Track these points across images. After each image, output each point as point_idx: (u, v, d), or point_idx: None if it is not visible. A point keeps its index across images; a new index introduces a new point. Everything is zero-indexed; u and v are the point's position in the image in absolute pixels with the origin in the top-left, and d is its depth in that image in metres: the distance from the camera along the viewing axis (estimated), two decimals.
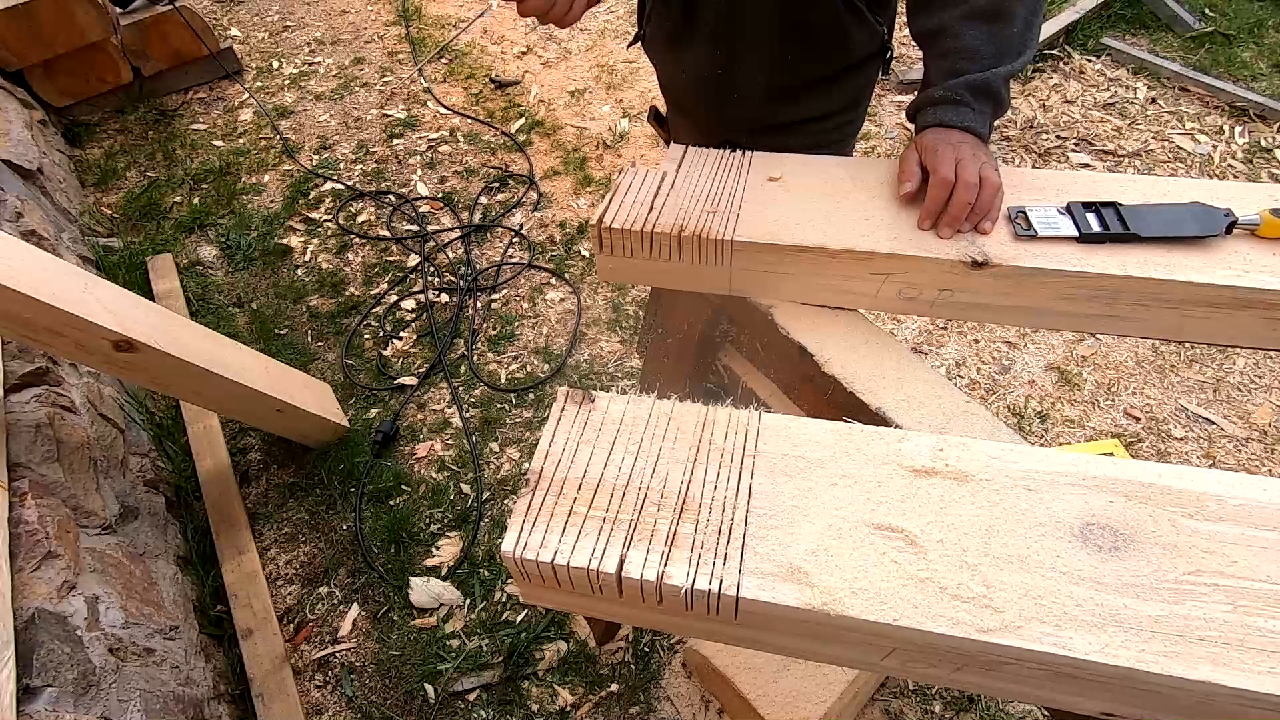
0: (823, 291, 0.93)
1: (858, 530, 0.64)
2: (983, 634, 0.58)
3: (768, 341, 0.97)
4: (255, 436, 2.14)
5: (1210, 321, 0.84)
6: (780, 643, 0.69)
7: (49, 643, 1.18)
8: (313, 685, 1.71)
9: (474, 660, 1.70)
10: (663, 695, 1.63)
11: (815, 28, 1.10)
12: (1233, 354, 2.18)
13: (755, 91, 1.17)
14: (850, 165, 1.00)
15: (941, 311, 0.92)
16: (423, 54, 3.55)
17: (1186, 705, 0.58)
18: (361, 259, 2.64)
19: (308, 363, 2.32)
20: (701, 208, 0.93)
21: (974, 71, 0.90)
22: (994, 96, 0.91)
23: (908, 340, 2.28)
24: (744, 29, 1.11)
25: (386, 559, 1.88)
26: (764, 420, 0.73)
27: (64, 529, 1.39)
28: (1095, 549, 0.61)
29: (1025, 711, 1.58)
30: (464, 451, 2.08)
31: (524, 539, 0.66)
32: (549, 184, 2.86)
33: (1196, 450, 1.98)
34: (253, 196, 2.91)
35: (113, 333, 1.47)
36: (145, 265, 2.58)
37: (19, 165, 2.44)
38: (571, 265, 2.55)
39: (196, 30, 3.23)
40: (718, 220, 0.91)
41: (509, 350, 2.32)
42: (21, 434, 1.47)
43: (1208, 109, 2.89)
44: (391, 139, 3.10)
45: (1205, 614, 0.57)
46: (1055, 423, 2.06)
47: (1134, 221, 0.84)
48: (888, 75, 1.53)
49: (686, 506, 0.67)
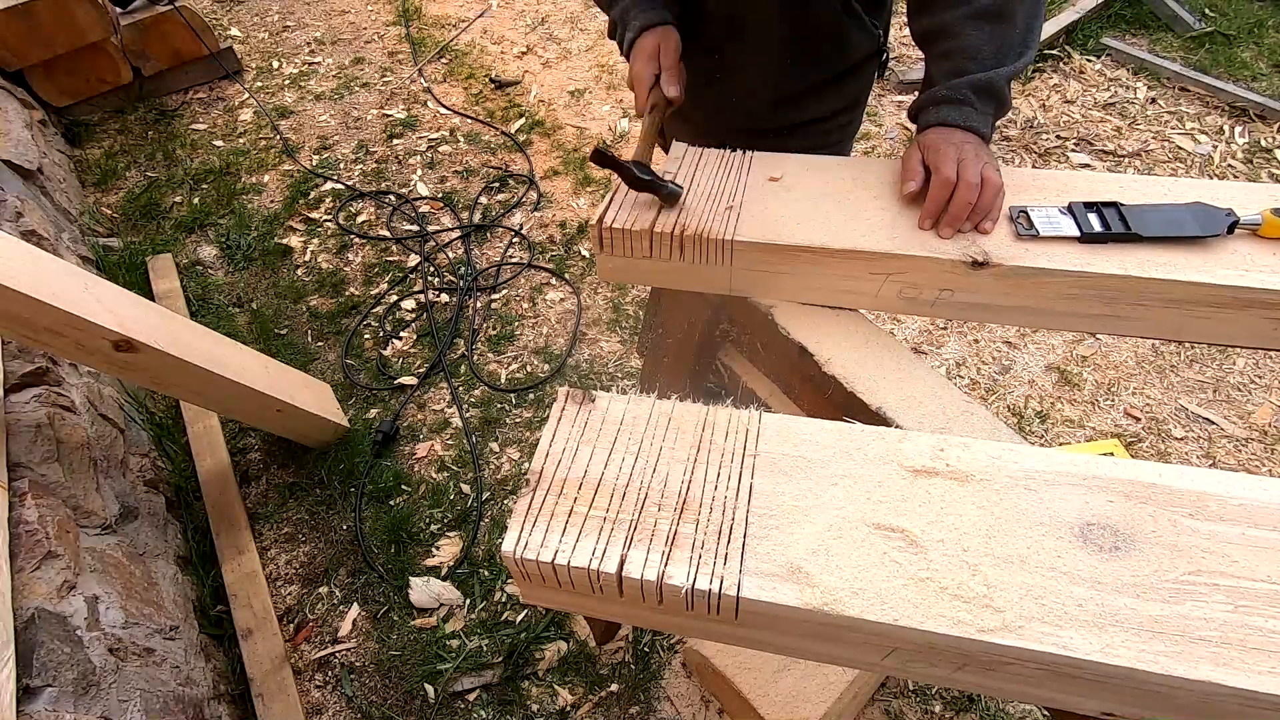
0: (823, 291, 0.93)
1: (858, 530, 0.64)
2: (983, 634, 0.58)
3: (768, 341, 0.97)
4: (255, 436, 2.14)
5: (1212, 321, 0.84)
6: (780, 642, 0.69)
7: (49, 643, 1.18)
8: (313, 685, 1.71)
9: (474, 660, 1.70)
10: (663, 695, 1.63)
11: (814, 32, 1.10)
12: (1233, 354, 2.18)
13: (755, 96, 1.18)
14: (850, 165, 1.00)
15: (942, 311, 0.92)
16: (423, 54, 3.55)
17: (1186, 705, 0.58)
18: (361, 259, 2.64)
19: (308, 363, 2.32)
20: (704, 207, 0.93)
21: (976, 71, 0.90)
22: (996, 96, 0.91)
23: (908, 340, 2.28)
24: (744, 35, 1.11)
25: (386, 559, 1.88)
26: (764, 420, 0.73)
27: (64, 529, 1.39)
28: (1096, 549, 0.61)
29: (1025, 711, 1.58)
30: (464, 451, 2.08)
31: (524, 539, 0.66)
32: (549, 184, 2.86)
33: (1196, 450, 1.98)
34: (253, 196, 2.91)
35: (113, 333, 1.47)
36: (145, 265, 2.58)
37: (19, 165, 2.44)
38: (571, 265, 2.55)
39: (196, 30, 3.23)
40: (721, 220, 0.91)
41: (509, 350, 2.32)
42: (21, 434, 1.47)
43: (1208, 109, 2.89)
44: (391, 139, 3.10)
45: (1205, 614, 0.57)
46: (1055, 423, 2.06)
47: (1135, 221, 0.84)
48: (884, 77, 1.53)
49: (687, 506, 0.67)
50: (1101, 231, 0.84)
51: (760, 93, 1.17)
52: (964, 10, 0.92)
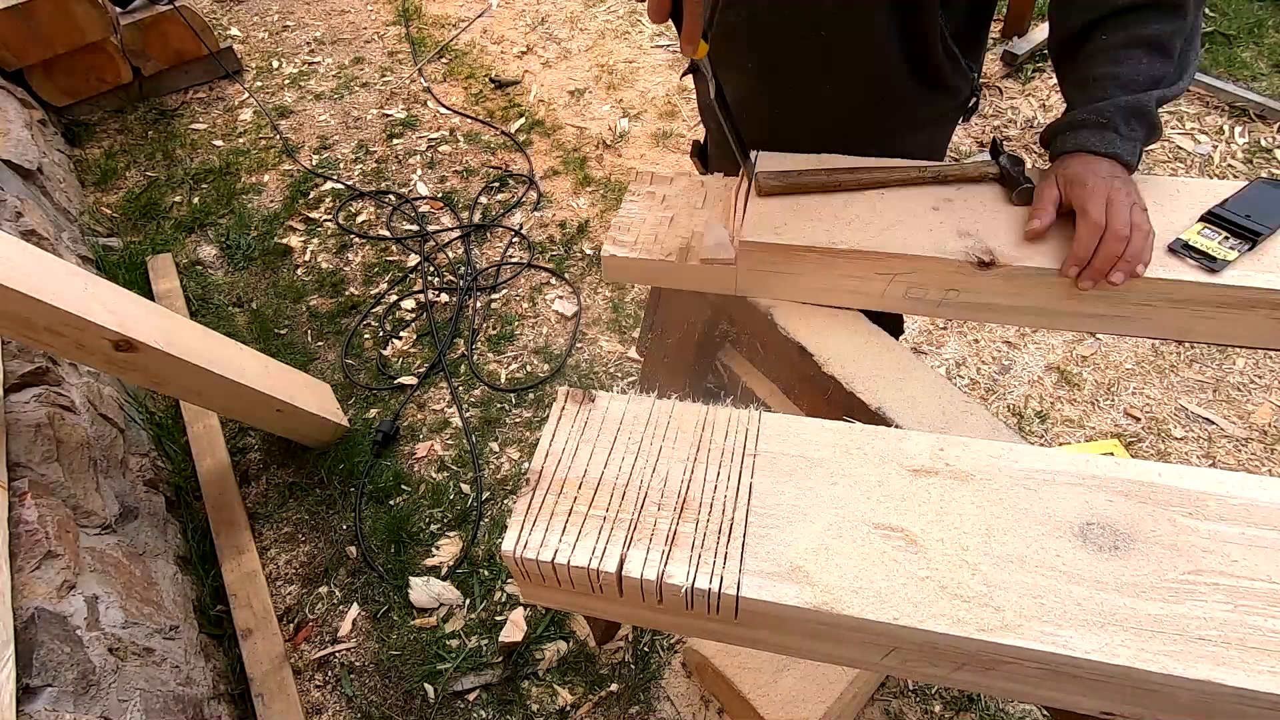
0: (829, 291, 0.92)
1: (858, 529, 0.64)
2: (983, 633, 0.58)
3: (768, 341, 0.97)
4: (255, 436, 2.14)
5: (1217, 322, 0.84)
6: (780, 642, 0.69)
7: (49, 642, 1.18)
8: (313, 685, 1.71)
9: (474, 660, 1.70)
10: (663, 695, 1.63)
11: (913, 71, 1.00)
12: (1233, 354, 2.18)
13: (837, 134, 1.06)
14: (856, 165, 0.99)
15: (948, 311, 0.92)
16: (423, 54, 3.55)
17: (1186, 704, 0.58)
18: (361, 259, 2.64)
19: (308, 363, 2.32)
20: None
21: (1123, 95, 0.82)
22: (1148, 120, 0.83)
23: (908, 340, 2.28)
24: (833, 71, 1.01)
25: (386, 559, 1.88)
26: (764, 420, 0.73)
27: (64, 529, 1.39)
28: (1095, 548, 0.61)
29: (1025, 711, 1.58)
30: (464, 451, 2.08)
31: (524, 538, 0.66)
32: (549, 184, 2.86)
33: (1196, 450, 1.98)
34: (253, 196, 2.91)
35: (113, 333, 1.47)
36: (145, 265, 2.58)
37: (19, 165, 2.44)
38: (571, 265, 2.55)
39: (196, 30, 3.23)
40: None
41: (509, 350, 2.32)
42: (21, 434, 1.47)
43: (1208, 109, 2.89)
44: (391, 139, 3.10)
45: (1205, 613, 0.57)
46: (1055, 423, 2.06)
47: (1259, 218, 0.83)
48: (968, 122, 1.43)
49: (687, 506, 0.67)
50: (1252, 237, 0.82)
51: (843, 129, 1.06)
52: (1118, 38, 0.83)
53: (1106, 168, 0.82)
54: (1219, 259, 0.80)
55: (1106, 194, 0.80)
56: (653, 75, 3.30)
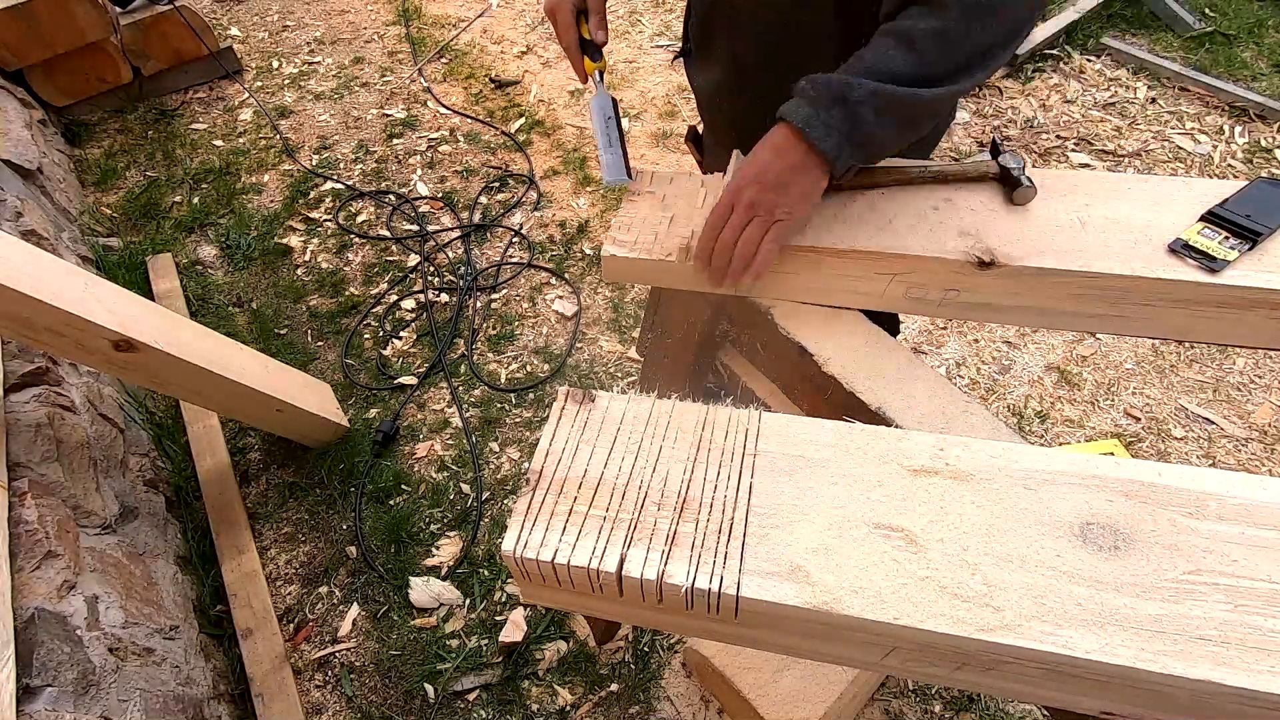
0: (829, 291, 0.92)
1: (858, 529, 0.64)
2: (983, 633, 0.58)
3: (767, 341, 0.97)
4: (255, 436, 2.14)
5: (1217, 321, 0.84)
6: (780, 642, 0.69)
7: (49, 642, 1.18)
8: (313, 685, 1.71)
9: (474, 660, 1.70)
10: (663, 695, 1.63)
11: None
12: (1232, 354, 2.18)
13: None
14: None
15: (948, 311, 0.92)
16: (423, 54, 3.55)
17: (1186, 704, 0.58)
18: (361, 259, 2.64)
19: (308, 363, 2.32)
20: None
21: (846, 75, 0.74)
22: (846, 106, 0.73)
23: (908, 340, 2.28)
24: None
25: (386, 559, 1.88)
26: (764, 420, 0.73)
27: (64, 529, 1.39)
28: (1095, 548, 0.61)
29: (1025, 711, 1.58)
30: (464, 451, 2.08)
31: (524, 538, 0.66)
32: (549, 184, 2.86)
33: (1196, 450, 1.98)
34: (253, 196, 2.91)
35: (113, 333, 1.47)
36: (145, 265, 2.58)
37: (19, 165, 2.43)
38: (571, 265, 2.55)
39: (196, 30, 3.23)
40: None
41: (509, 350, 2.32)
42: (21, 434, 1.47)
43: (1208, 109, 2.89)
44: (391, 139, 3.10)
45: (1205, 613, 0.57)
46: (1055, 423, 2.06)
47: (1260, 217, 0.83)
48: None
49: (687, 506, 0.67)
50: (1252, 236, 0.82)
51: None
52: (890, 26, 0.76)
53: (777, 137, 0.77)
54: (1219, 259, 0.80)
55: (742, 176, 0.78)
56: (652, 75, 3.30)
